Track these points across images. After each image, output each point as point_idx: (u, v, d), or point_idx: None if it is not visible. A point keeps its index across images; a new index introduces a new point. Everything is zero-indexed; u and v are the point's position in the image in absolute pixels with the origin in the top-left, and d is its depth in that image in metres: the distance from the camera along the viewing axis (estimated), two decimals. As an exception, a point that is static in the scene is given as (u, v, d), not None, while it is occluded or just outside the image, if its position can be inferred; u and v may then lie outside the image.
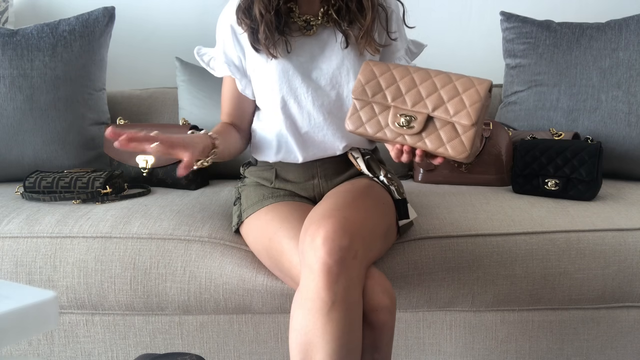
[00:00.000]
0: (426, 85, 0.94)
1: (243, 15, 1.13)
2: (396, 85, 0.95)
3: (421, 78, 0.94)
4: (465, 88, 0.92)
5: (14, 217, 1.26)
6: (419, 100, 0.94)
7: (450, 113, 0.92)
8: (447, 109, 0.92)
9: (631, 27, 1.61)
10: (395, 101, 0.95)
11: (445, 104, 0.92)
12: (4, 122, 1.58)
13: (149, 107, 1.83)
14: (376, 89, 0.96)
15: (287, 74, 1.13)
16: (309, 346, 0.89)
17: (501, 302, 1.21)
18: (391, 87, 0.96)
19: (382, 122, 0.97)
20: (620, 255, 1.19)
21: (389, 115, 0.96)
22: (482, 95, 0.91)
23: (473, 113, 0.90)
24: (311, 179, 1.20)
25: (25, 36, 1.62)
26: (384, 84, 0.96)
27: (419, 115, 0.93)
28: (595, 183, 1.36)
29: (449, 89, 0.92)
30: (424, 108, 0.93)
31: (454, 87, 0.92)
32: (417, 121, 0.93)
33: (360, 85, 0.98)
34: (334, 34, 1.15)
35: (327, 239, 0.90)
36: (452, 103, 0.92)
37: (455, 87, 0.92)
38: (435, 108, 0.92)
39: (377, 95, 0.96)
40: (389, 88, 0.96)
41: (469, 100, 0.91)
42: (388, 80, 0.96)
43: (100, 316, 1.22)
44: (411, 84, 0.95)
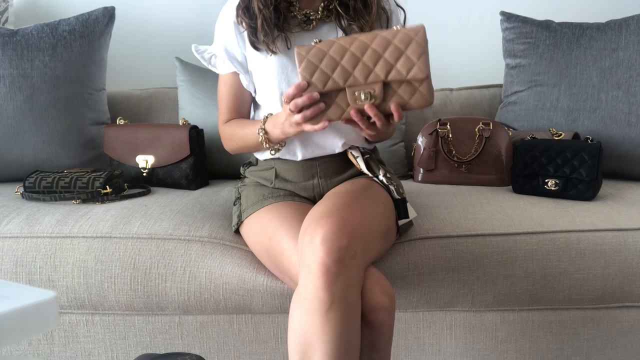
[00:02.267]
0: (369, 55, 0.94)
1: (243, 13, 1.13)
2: (341, 67, 0.94)
3: (360, 50, 0.94)
4: (405, 44, 0.93)
5: (14, 217, 1.27)
6: (369, 72, 0.94)
7: (402, 73, 0.93)
8: (399, 70, 0.93)
9: (631, 27, 1.61)
10: (347, 81, 0.95)
11: (394, 66, 0.93)
12: (4, 122, 1.58)
13: (149, 107, 1.83)
14: (323, 78, 0.95)
15: (286, 70, 1.14)
16: (307, 346, 0.89)
17: (501, 302, 1.21)
18: (337, 70, 0.95)
19: (342, 104, 0.97)
20: (620, 255, 1.19)
21: (346, 96, 0.96)
22: (423, 46, 0.92)
23: (423, 65, 0.92)
24: (311, 178, 1.20)
25: (25, 36, 1.62)
26: (329, 70, 0.95)
27: (375, 86, 0.95)
28: (595, 183, 1.36)
29: (391, 50, 0.93)
30: (377, 77, 0.94)
31: (395, 47, 0.93)
32: (376, 93, 0.95)
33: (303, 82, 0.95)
34: (334, 30, 1.15)
35: (325, 239, 0.90)
36: (400, 63, 0.93)
37: (396, 46, 0.93)
38: (387, 73, 0.94)
39: (327, 84, 0.95)
40: (335, 72, 0.95)
41: (414, 55, 0.92)
42: (330, 64, 0.95)
43: (100, 316, 1.22)
44: (354, 59, 0.94)
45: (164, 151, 1.54)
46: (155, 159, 1.55)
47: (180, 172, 1.54)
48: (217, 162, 1.66)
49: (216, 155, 1.64)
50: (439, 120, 1.61)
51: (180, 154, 1.53)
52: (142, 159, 1.56)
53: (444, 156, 1.58)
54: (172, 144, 1.54)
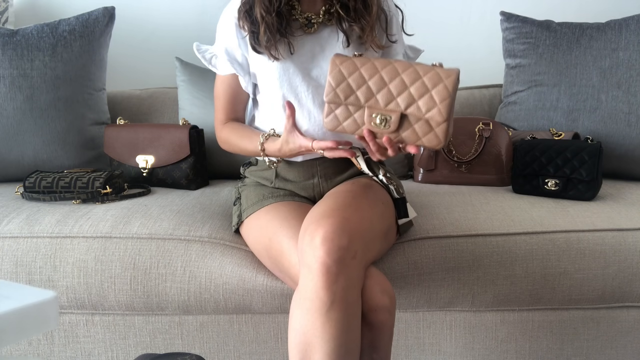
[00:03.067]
0: (396, 84, 0.95)
1: (244, 17, 1.13)
2: (366, 86, 0.96)
3: (390, 75, 0.95)
4: (434, 84, 0.93)
5: (14, 217, 1.27)
6: (391, 100, 0.95)
7: (422, 111, 0.94)
8: (419, 107, 0.94)
9: (631, 27, 1.61)
10: (368, 102, 0.97)
11: (416, 102, 0.94)
12: (4, 122, 1.58)
13: (149, 107, 1.83)
14: (347, 91, 0.97)
15: (288, 72, 1.14)
16: (307, 346, 0.89)
17: (501, 302, 1.21)
18: (362, 88, 0.97)
19: (358, 121, 0.99)
20: (620, 255, 1.19)
21: (364, 115, 0.98)
22: (450, 91, 0.92)
23: (444, 110, 0.92)
24: (311, 178, 1.20)
25: (25, 36, 1.62)
26: (354, 85, 0.97)
27: (393, 114, 0.96)
28: (595, 183, 1.36)
29: (418, 85, 0.94)
30: (397, 107, 0.95)
31: (422, 83, 0.93)
32: (392, 120, 0.96)
33: (331, 89, 0.98)
34: (335, 33, 1.15)
35: (326, 239, 0.90)
36: (423, 100, 0.93)
37: (424, 83, 0.93)
38: (408, 106, 0.94)
39: (349, 98, 0.98)
40: (360, 89, 0.97)
41: (438, 97, 0.92)
42: (357, 81, 0.97)
43: (100, 316, 1.22)
44: (381, 83, 0.96)
45: (164, 151, 1.54)
46: (155, 159, 1.55)
47: (180, 172, 1.54)
48: (217, 162, 1.66)
49: (216, 155, 1.64)
50: (439, 120, 1.61)
51: (180, 154, 1.53)
52: (142, 159, 1.56)
53: (444, 156, 1.58)
54: (172, 144, 1.54)
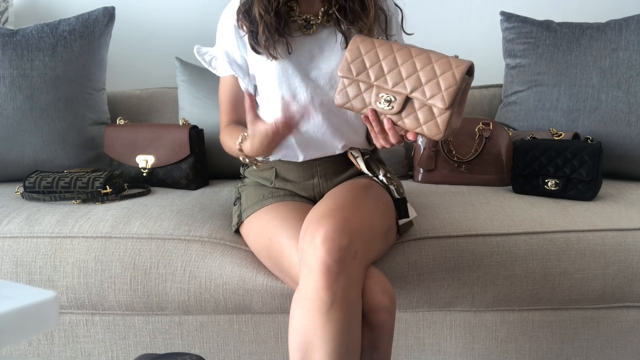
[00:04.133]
0: (407, 66, 0.95)
1: (243, 17, 1.13)
2: (379, 65, 0.97)
3: (403, 58, 0.96)
4: (443, 70, 0.93)
5: (14, 217, 1.26)
6: (399, 81, 0.95)
7: (426, 95, 0.93)
8: (424, 92, 0.94)
9: (631, 27, 1.61)
10: (377, 80, 0.97)
11: (422, 86, 0.94)
12: (4, 122, 1.58)
13: (149, 107, 1.83)
14: (360, 67, 0.99)
15: (287, 73, 1.14)
16: (308, 346, 0.89)
17: (501, 302, 1.21)
18: (374, 66, 0.97)
19: (366, 99, 0.99)
20: (620, 255, 1.19)
21: (372, 94, 0.98)
22: (457, 79, 0.92)
23: (447, 97, 0.92)
24: (311, 178, 1.20)
25: (25, 36, 1.62)
26: (368, 63, 0.98)
27: (398, 95, 0.96)
28: (595, 183, 1.36)
29: (427, 70, 0.94)
30: (403, 89, 0.95)
31: (432, 69, 0.93)
32: (396, 102, 0.96)
33: (346, 63, 1.00)
34: (334, 34, 1.15)
35: (326, 239, 0.90)
36: (429, 85, 0.93)
37: (433, 69, 0.93)
38: (414, 90, 0.94)
39: (361, 74, 0.98)
40: (373, 67, 0.98)
41: (445, 84, 0.92)
42: (372, 59, 0.98)
43: (100, 316, 1.22)
44: (393, 63, 0.96)
45: (164, 151, 1.54)
46: (155, 159, 1.55)
47: (180, 172, 1.54)
48: (217, 162, 1.66)
49: (216, 155, 1.64)
50: (439, 120, 1.61)
51: (180, 154, 1.53)
52: (142, 159, 1.56)
53: (444, 156, 1.58)
54: (172, 144, 1.54)
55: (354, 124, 1.18)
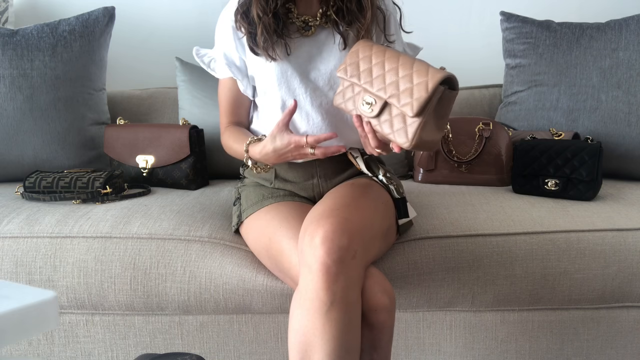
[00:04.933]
0: (391, 73, 0.97)
1: (241, 19, 1.13)
2: (369, 69, 0.99)
3: (390, 64, 0.97)
4: (419, 80, 0.94)
5: (14, 217, 1.27)
6: (382, 86, 0.97)
7: (400, 103, 0.95)
8: (399, 98, 0.95)
9: (631, 27, 1.61)
10: (365, 84, 0.99)
11: (399, 93, 0.95)
12: (4, 122, 1.58)
13: (149, 107, 1.83)
14: (354, 70, 1.01)
15: (286, 74, 1.14)
16: (307, 346, 0.89)
17: (501, 302, 1.21)
18: (366, 70, 0.99)
19: (355, 102, 1.01)
20: (620, 255, 1.19)
21: (360, 97, 1.00)
22: (429, 89, 0.92)
23: (416, 106, 0.93)
24: (310, 178, 1.20)
25: (25, 36, 1.62)
26: (362, 67, 1.00)
27: (378, 99, 0.98)
28: (595, 183, 1.36)
29: (407, 78, 0.95)
30: (383, 94, 0.97)
31: (410, 77, 0.94)
32: (375, 105, 0.98)
33: (344, 64, 1.03)
34: (332, 35, 1.15)
35: (326, 239, 0.90)
36: (404, 93, 0.94)
37: (411, 77, 0.94)
38: (391, 96, 0.96)
39: (353, 77, 1.01)
40: (364, 71, 1.00)
41: (417, 93, 0.93)
42: (366, 62, 1.00)
43: (100, 316, 1.22)
44: (381, 69, 0.98)
45: (164, 151, 1.54)
46: (155, 159, 1.55)
47: (180, 172, 1.54)
48: (217, 162, 1.66)
49: (216, 155, 1.64)
50: (439, 120, 1.61)
51: (180, 154, 1.53)
52: (142, 159, 1.56)
53: (444, 156, 1.58)
54: (172, 144, 1.54)
55: (352, 124, 1.19)
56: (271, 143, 1.05)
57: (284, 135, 1.04)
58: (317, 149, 1.03)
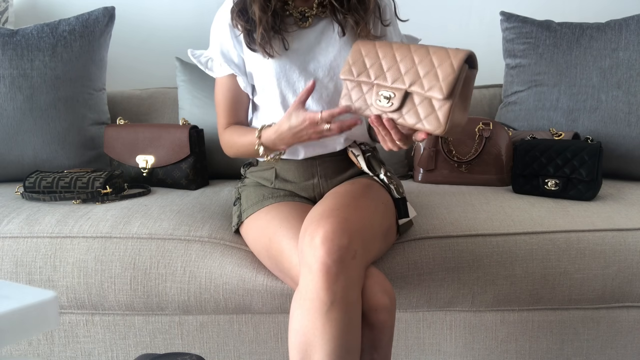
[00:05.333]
0: (405, 61, 0.94)
1: (237, 16, 1.13)
2: (379, 63, 0.96)
3: (401, 54, 0.95)
4: (440, 61, 0.91)
5: (14, 217, 1.26)
6: (398, 77, 0.94)
7: (425, 88, 0.91)
8: (423, 84, 0.92)
9: (631, 27, 1.61)
10: (377, 79, 0.96)
11: (421, 79, 0.92)
12: (4, 122, 1.58)
13: (149, 107, 1.83)
14: (361, 68, 0.98)
15: (285, 68, 1.13)
16: (308, 346, 0.89)
17: (501, 302, 1.21)
18: (374, 65, 0.96)
19: (368, 100, 0.98)
20: (620, 255, 1.19)
21: (372, 94, 0.97)
22: (455, 68, 0.89)
23: (445, 87, 0.89)
24: (311, 178, 1.20)
25: (25, 36, 1.62)
26: (368, 63, 0.97)
27: (397, 91, 0.94)
28: (595, 183, 1.36)
29: (425, 63, 0.92)
30: (402, 84, 0.94)
31: (430, 61, 0.91)
32: (395, 97, 0.94)
33: (347, 65, 1.00)
34: (330, 25, 1.15)
35: (326, 239, 0.90)
36: (427, 78, 0.91)
37: (431, 61, 0.91)
38: (412, 83, 0.92)
39: (362, 75, 0.97)
40: (373, 66, 0.97)
41: (442, 74, 0.90)
42: (372, 58, 0.97)
43: (100, 316, 1.22)
44: (392, 61, 0.95)
45: (164, 151, 1.54)
46: (155, 159, 1.55)
47: (180, 172, 1.54)
48: (217, 162, 1.66)
49: (216, 155, 1.64)
50: (439, 120, 1.61)
51: (180, 154, 1.53)
52: (142, 159, 1.56)
53: (444, 156, 1.58)
54: (172, 144, 1.54)
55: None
56: (287, 121, 1.04)
57: (300, 112, 1.02)
58: (333, 124, 1.00)
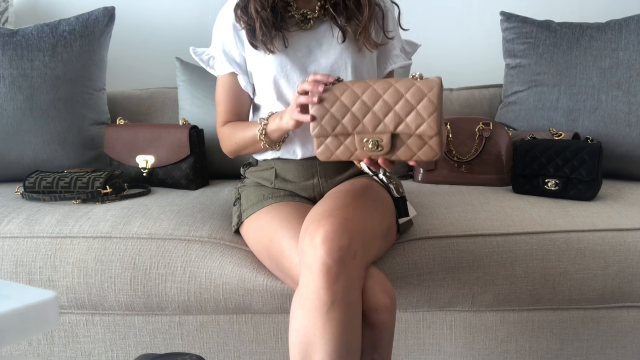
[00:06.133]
0: (379, 106, 0.94)
1: (241, 12, 1.14)
2: (351, 114, 0.95)
3: (372, 99, 0.94)
4: (418, 100, 0.92)
5: (14, 217, 1.26)
6: (378, 123, 0.94)
7: (412, 128, 0.93)
8: (408, 125, 0.93)
9: (631, 27, 1.61)
10: (356, 129, 0.95)
11: (404, 121, 0.93)
12: (4, 122, 1.58)
13: (149, 107, 1.83)
14: (333, 122, 0.96)
15: (285, 68, 1.14)
16: (308, 346, 0.89)
17: (501, 302, 1.21)
18: (347, 117, 0.95)
19: (350, 147, 0.97)
20: (620, 255, 1.19)
21: (355, 141, 0.96)
22: (436, 104, 0.91)
23: (433, 123, 0.91)
24: (311, 178, 1.20)
25: (25, 36, 1.62)
26: (339, 116, 0.95)
27: (383, 136, 0.95)
28: (595, 183, 1.36)
29: (402, 104, 0.92)
30: (386, 128, 0.94)
31: (406, 101, 0.92)
32: (384, 142, 0.95)
33: (316, 123, 0.97)
34: (331, 29, 1.15)
35: (326, 239, 0.90)
36: (410, 118, 0.92)
37: (407, 101, 0.92)
38: (397, 126, 0.93)
39: (336, 129, 0.96)
40: (345, 118, 0.95)
41: (425, 112, 0.91)
42: (341, 110, 0.95)
43: (100, 316, 1.22)
44: (364, 108, 0.94)
45: (164, 151, 1.54)
46: (155, 159, 1.55)
47: (180, 172, 1.54)
48: (217, 162, 1.66)
49: (216, 155, 1.64)
50: (439, 120, 1.61)
51: (180, 154, 1.53)
52: (142, 159, 1.56)
53: (444, 156, 1.58)
54: (172, 144, 1.54)
55: None
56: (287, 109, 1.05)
57: None
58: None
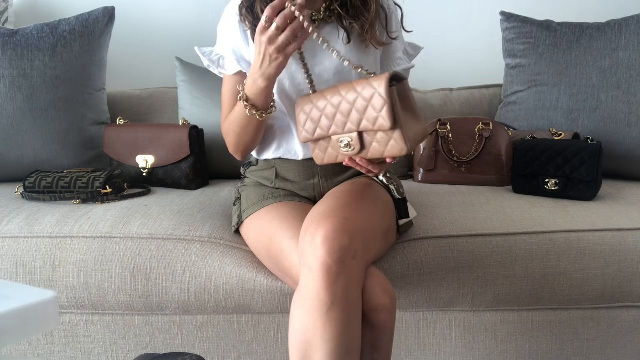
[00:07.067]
0: (343, 107, 0.96)
1: (247, 12, 1.13)
2: (323, 117, 0.99)
3: (336, 101, 0.97)
4: (370, 96, 0.93)
5: (14, 217, 1.26)
6: (345, 122, 0.97)
7: (371, 124, 0.94)
8: (368, 121, 0.94)
9: (631, 27, 1.61)
10: (330, 131, 0.99)
11: (363, 118, 0.95)
12: (4, 122, 1.58)
13: (149, 107, 1.83)
14: (312, 128, 1.01)
15: (290, 69, 1.14)
16: (308, 346, 0.89)
17: (501, 302, 1.21)
18: (321, 121, 0.99)
19: (334, 150, 1.01)
20: (620, 255, 1.19)
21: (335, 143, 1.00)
22: (385, 97, 0.91)
23: (386, 117, 0.92)
24: (311, 178, 1.20)
25: (25, 36, 1.62)
26: (315, 120, 1.00)
27: (351, 135, 0.97)
28: (595, 183, 1.36)
29: (359, 102, 0.94)
30: (351, 128, 0.97)
31: (362, 98, 0.94)
32: (353, 141, 0.97)
33: (300, 130, 1.02)
34: (337, 30, 1.15)
35: (326, 239, 0.90)
36: (367, 115, 0.94)
37: (363, 97, 0.94)
38: (358, 124, 0.95)
39: (316, 133, 1.01)
40: (320, 122, 0.99)
41: (378, 106, 0.93)
42: (315, 115, 1.00)
43: (100, 316, 1.22)
44: (332, 110, 0.98)
45: (164, 151, 1.54)
46: (155, 159, 1.55)
47: (180, 172, 1.54)
48: (217, 162, 1.66)
49: (216, 155, 1.64)
50: (439, 120, 1.61)
51: (180, 154, 1.53)
52: (142, 159, 1.56)
53: (444, 156, 1.58)
54: (172, 144, 1.54)
55: None
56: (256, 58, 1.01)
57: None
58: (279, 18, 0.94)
